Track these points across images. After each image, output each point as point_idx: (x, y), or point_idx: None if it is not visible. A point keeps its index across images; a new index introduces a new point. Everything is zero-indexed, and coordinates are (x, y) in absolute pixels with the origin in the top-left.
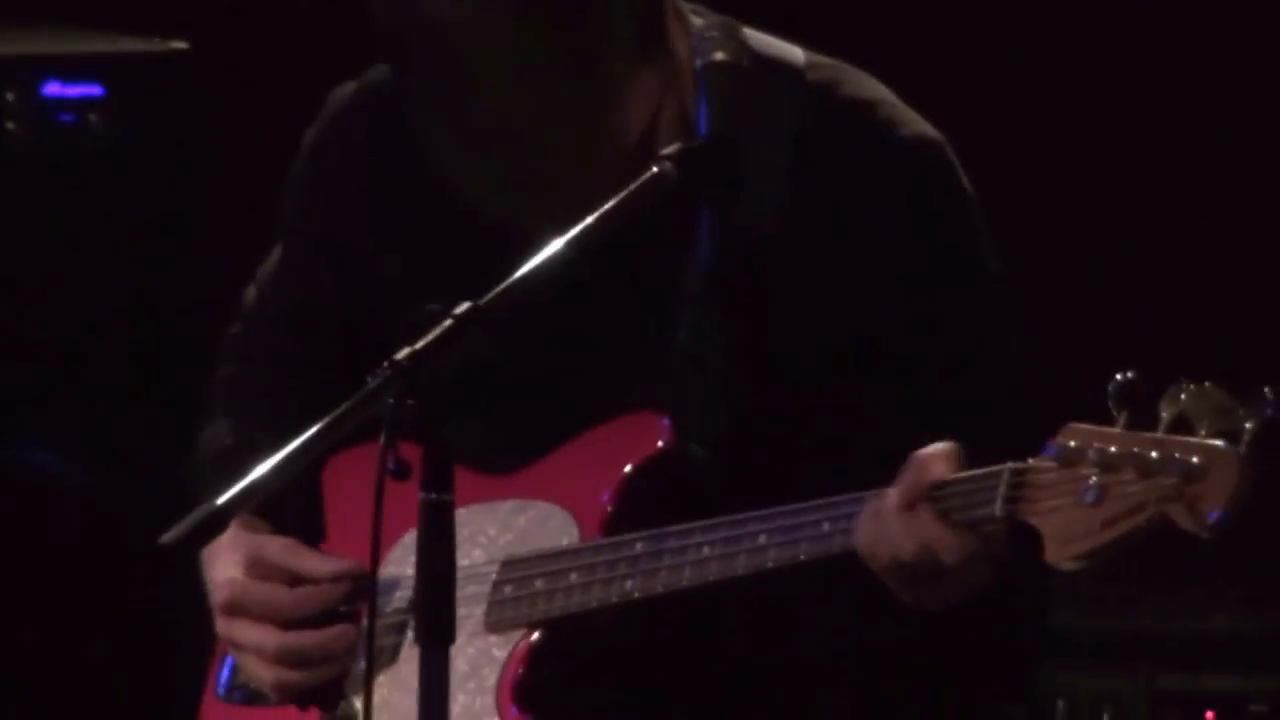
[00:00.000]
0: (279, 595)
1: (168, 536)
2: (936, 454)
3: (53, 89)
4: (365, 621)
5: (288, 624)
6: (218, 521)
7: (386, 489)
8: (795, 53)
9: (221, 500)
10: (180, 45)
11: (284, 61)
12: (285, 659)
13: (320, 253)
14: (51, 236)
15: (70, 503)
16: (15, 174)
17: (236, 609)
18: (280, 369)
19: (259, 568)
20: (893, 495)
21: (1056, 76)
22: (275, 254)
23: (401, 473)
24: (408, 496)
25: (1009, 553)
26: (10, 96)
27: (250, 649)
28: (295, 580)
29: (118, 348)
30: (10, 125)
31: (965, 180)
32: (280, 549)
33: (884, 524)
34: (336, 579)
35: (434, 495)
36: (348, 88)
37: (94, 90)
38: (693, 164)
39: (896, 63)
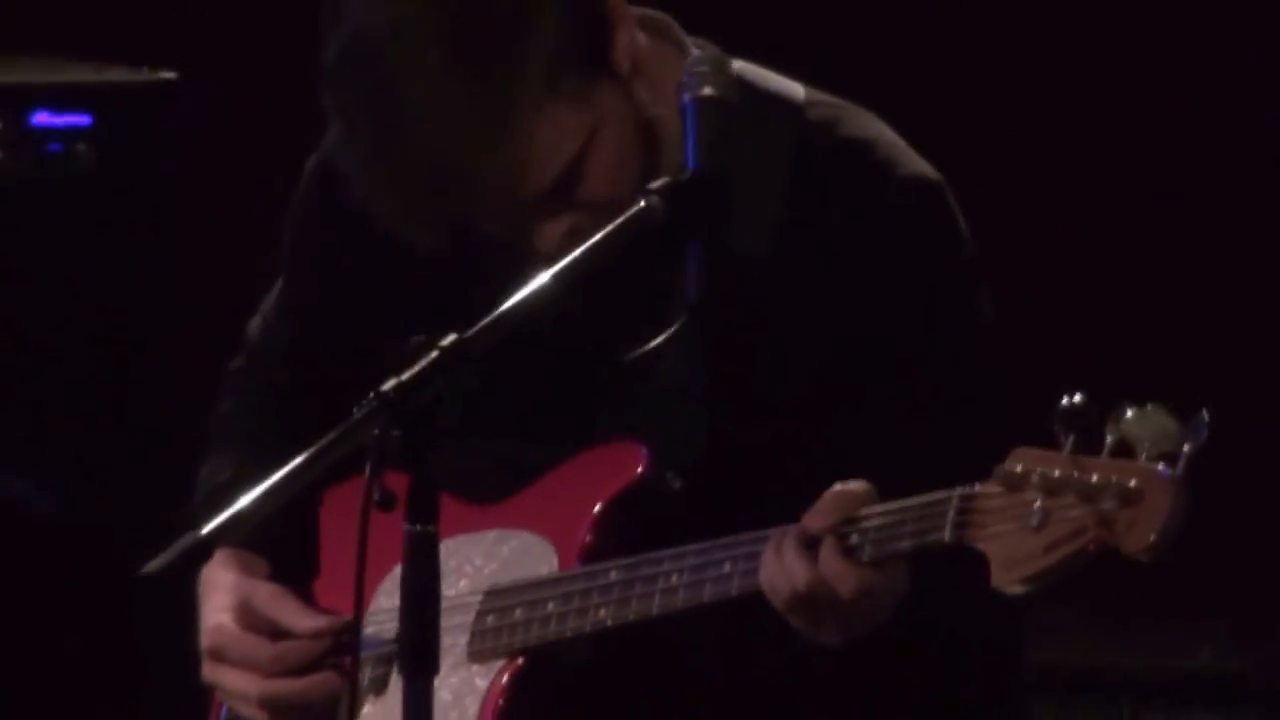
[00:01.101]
0: (259, 649)
1: (151, 565)
2: (850, 491)
3: (41, 118)
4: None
5: (269, 674)
6: (200, 550)
7: (377, 522)
8: (795, 89)
9: (205, 530)
10: (168, 75)
11: (272, 91)
12: (267, 705)
13: (319, 284)
14: (37, 264)
15: (45, 530)
16: (2, 202)
17: (220, 656)
18: (282, 402)
19: (246, 615)
20: (797, 530)
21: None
22: (276, 286)
23: (387, 503)
24: (398, 528)
25: (905, 587)
26: None
27: (235, 695)
28: (278, 632)
29: (99, 376)
30: None
31: (962, 223)
32: (268, 598)
33: (785, 558)
34: (316, 635)
35: (418, 527)
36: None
37: (82, 120)
38: (679, 199)
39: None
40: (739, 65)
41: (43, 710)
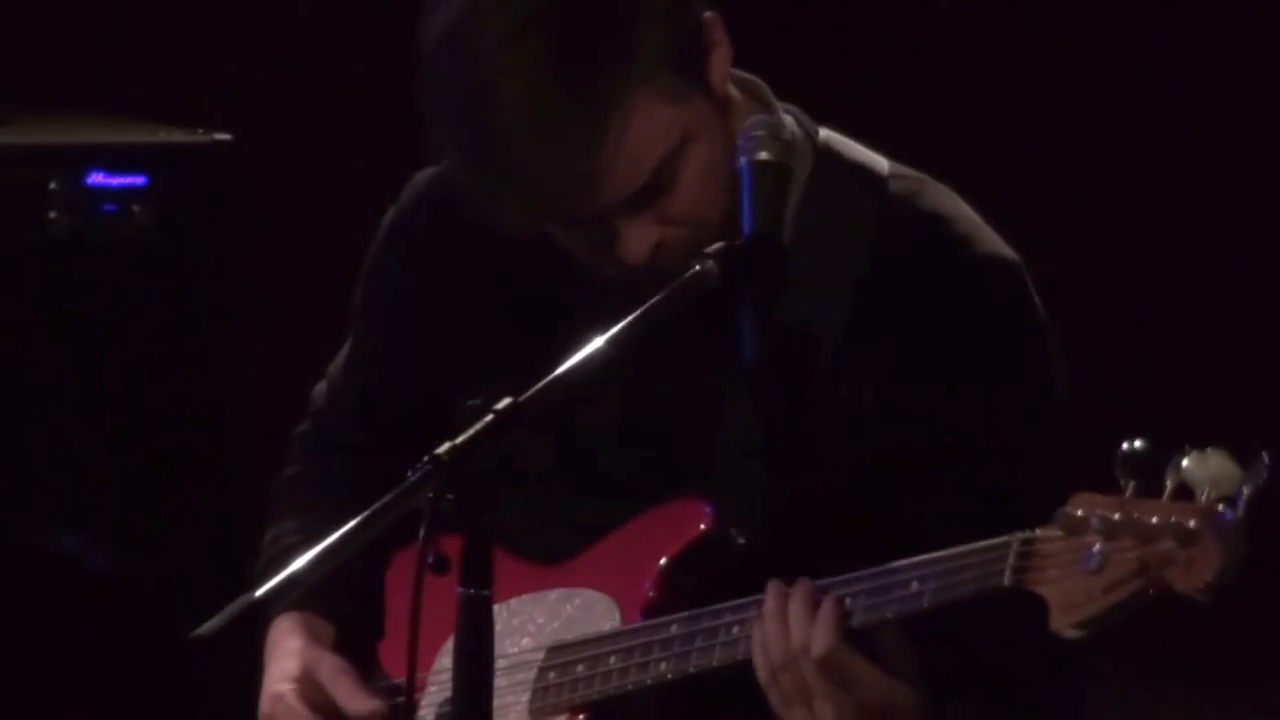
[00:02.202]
0: None
1: (205, 627)
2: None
3: (96, 179)
4: None
5: None
6: (255, 613)
7: (440, 584)
8: (879, 161)
9: (260, 592)
10: (224, 136)
11: (329, 153)
12: None
13: (390, 340)
14: (93, 325)
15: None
16: (58, 262)
17: None
18: (348, 460)
19: (307, 687)
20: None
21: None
22: (346, 345)
23: (440, 566)
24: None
25: (909, 667)
26: (54, 185)
27: None
28: (336, 710)
29: (153, 437)
30: (53, 214)
31: (1038, 303)
32: (329, 672)
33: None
34: (367, 718)
35: (472, 590)
36: (427, 172)
37: (138, 180)
38: (734, 263)
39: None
40: (826, 134)
41: None
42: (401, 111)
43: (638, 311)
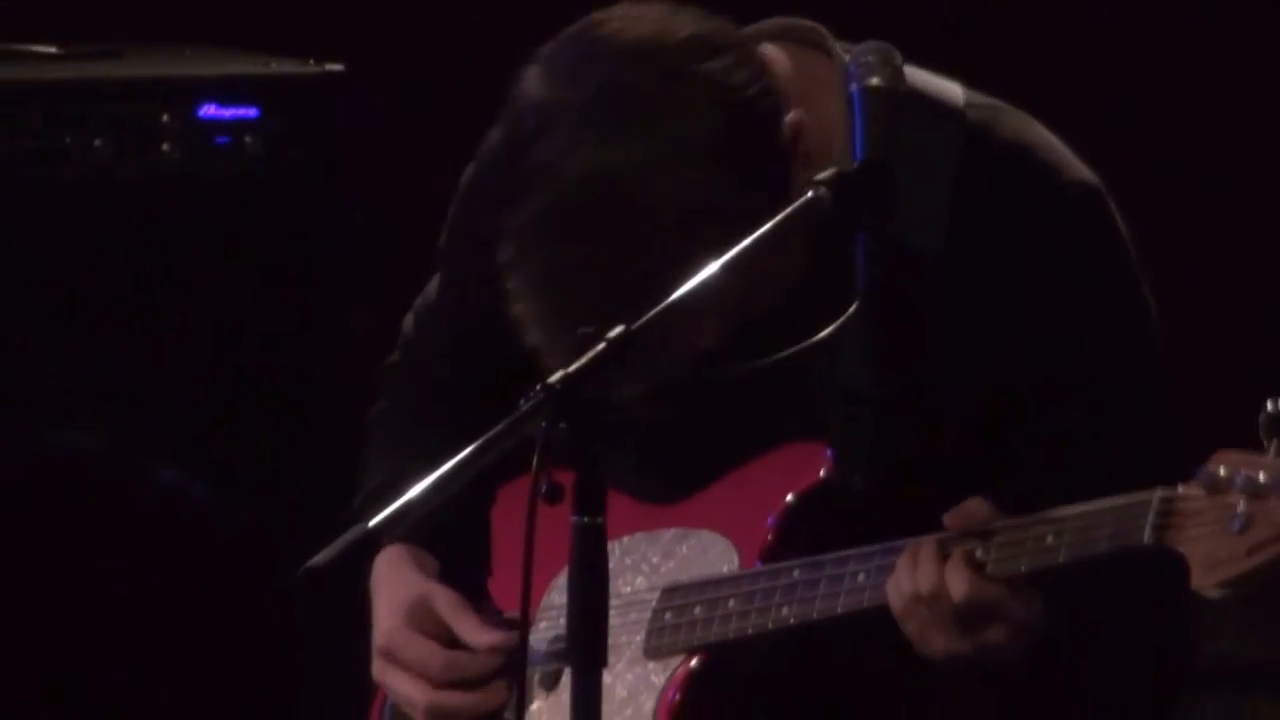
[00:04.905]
0: (432, 658)
1: (317, 559)
2: (971, 509)
3: (209, 111)
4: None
5: (439, 683)
6: (366, 544)
7: (550, 520)
8: (954, 90)
9: (373, 522)
10: (336, 68)
11: (440, 84)
12: (433, 715)
13: (478, 278)
14: (203, 257)
15: (200, 522)
16: (170, 195)
17: (391, 658)
18: (439, 399)
19: (420, 617)
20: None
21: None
22: (434, 281)
23: (554, 495)
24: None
25: (1033, 615)
26: (166, 118)
27: (402, 700)
28: (452, 641)
29: (258, 370)
30: (166, 147)
31: (1122, 227)
32: (446, 604)
33: (920, 567)
34: (491, 649)
35: (585, 519)
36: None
37: (249, 112)
38: (847, 189)
39: None
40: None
41: (202, 707)
42: (513, 42)
43: (751, 237)
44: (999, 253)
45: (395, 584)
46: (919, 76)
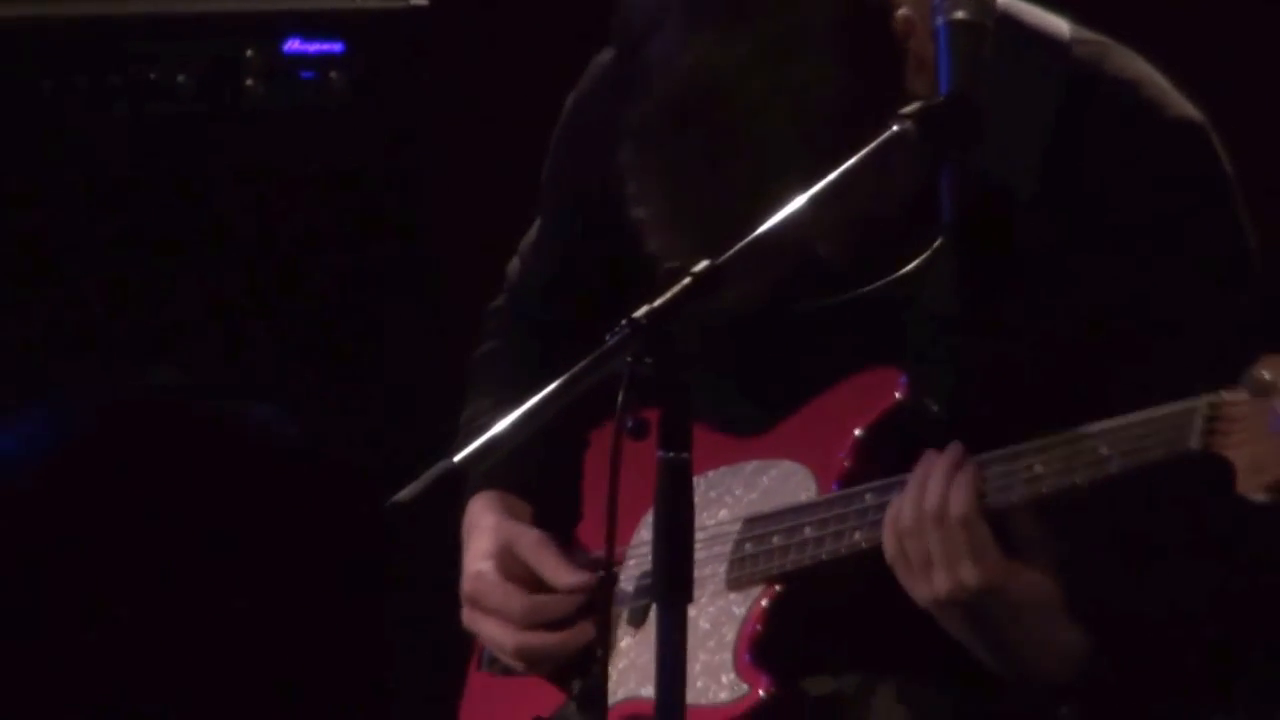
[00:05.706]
0: (515, 600)
1: (402, 494)
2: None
3: (293, 46)
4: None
5: (524, 625)
6: (452, 479)
7: (639, 458)
8: (1061, 26)
9: (458, 457)
10: (421, 2)
11: (526, 19)
12: (521, 657)
13: (579, 216)
14: (288, 193)
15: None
16: (256, 130)
17: (477, 603)
18: (542, 339)
19: (506, 561)
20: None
21: None
22: (536, 224)
23: (639, 430)
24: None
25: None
26: (251, 53)
27: (491, 644)
28: (538, 583)
29: (350, 308)
30: (250, 82)
31: (1227, 163)
32: (531, 546)
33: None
34: (573, 590)
35: (671, 454)
36: (606, 55)
37: (334, 47)
38: (933, 122)
39: None
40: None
41: (287, 646)
42: None
43: (837, 171)
44: (1101, 184)
45: (483, 529)
46: (1025, 10)
